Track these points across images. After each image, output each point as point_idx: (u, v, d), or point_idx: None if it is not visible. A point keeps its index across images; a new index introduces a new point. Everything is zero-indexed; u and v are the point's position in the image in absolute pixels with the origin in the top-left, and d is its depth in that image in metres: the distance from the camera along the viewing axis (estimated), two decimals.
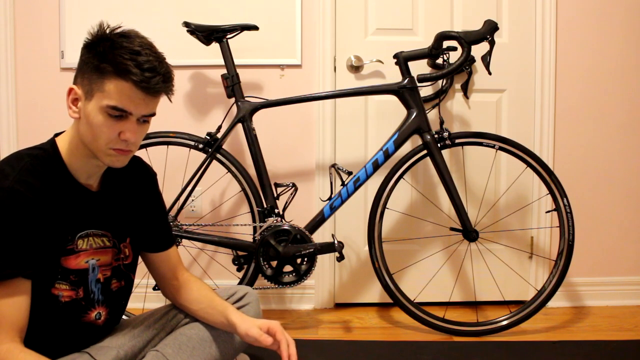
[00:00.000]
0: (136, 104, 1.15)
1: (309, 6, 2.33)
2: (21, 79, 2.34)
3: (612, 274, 2.45)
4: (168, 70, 1.18)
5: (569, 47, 2.38)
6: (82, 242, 1.23)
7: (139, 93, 1.14)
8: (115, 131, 1.16)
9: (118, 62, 1.12)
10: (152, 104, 1.19)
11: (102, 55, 1.14)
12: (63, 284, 1.20)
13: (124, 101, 1.14)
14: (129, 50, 1.13)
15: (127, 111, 1.15)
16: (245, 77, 2.20)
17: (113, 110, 1.14)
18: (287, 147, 2.38)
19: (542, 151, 2.37)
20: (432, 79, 2.00)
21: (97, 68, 1.14)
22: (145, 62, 1.13)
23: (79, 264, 1.23)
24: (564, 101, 2.39)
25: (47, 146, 1.22)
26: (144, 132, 1.23)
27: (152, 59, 1.15)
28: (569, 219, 2.06)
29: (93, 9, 2.31)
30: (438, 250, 2.40)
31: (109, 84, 1.13)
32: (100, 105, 1.14)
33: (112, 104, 1.14)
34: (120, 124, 1.16)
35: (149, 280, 1.81)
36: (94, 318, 1.28)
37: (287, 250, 1.98)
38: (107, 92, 1.14)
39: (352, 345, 2.02)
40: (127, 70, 1.12)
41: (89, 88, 1.16)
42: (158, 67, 1.15)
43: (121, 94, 1.14)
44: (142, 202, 1.40)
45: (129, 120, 1.17)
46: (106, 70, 1.13)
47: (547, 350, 1.95)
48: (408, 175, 2.20)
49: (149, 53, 1.15)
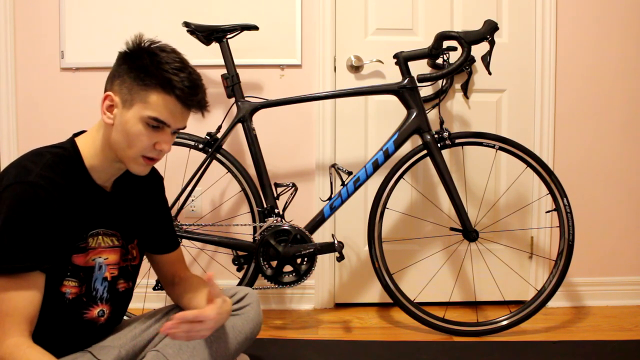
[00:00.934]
0: (175, 118, 1.22)
1: (309, 6, 2.33)
2: (21, 79, 2.34)
3: (612, 274, 2.45)
4: (202, 85, 1.26)
5: (569, 47, 2.38)
6: (92, 241, 1.26)
7: (179, 107, 1.21)
8: (151, 141, 1.22)
9: (163, 77, 1.19)
10: (187, 118, 1.26)
11: (145, 68, 1.20)
12: (72, 281, 1.23)
13: (166, 114, 1.20)
14: (173, 66, 1.21)
15: (167, 123, 1.21)
16: (245, 77, 2.20)
17: (153, 121, 1.20)
18: (287, 147, 2.38)
19: (542, 151, 2.37)
20: (432, 79, 2.00)
21: (140, 79, 1.20)
22: (187, 78, 1.21)
23: (87, 262, 1.25)
24: (564, 101, 2.39)
25: (68, 145, 1.26)
26: (172, 142, 1.28)
27: (194, 77, 1.24)
28: (569, 219, 2.06)
29: (93, 9, 2.31)
30: (438, 250, 2.40)
31: (153, 96, 1.20)
32: (141, 115, 1.20)
33: (154, 115, 1.20)
34: (157, 135, 1.22)
35: (149, 280, 1.81)
36: (97, 315, 1.30)
37: (287, 250, 1.98)
38: (150, 104, 1.20)
39: (352, 345, 2.02)
40: (172, 86, 1.19)
41: (129, 97, 1.21)
42: (199, 84, 1.24)
43: (164, 107, 1.20)
44: (150, 204, 1.44)
45: (165, 132, 1.23)
46: (150, 83, 1.19)
47: (547, 350, 1.95)
48: (408, 175, 2.20)
49: (191, 71, 1.24)
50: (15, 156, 2.30)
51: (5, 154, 2.34)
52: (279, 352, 1.93)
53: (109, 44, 2.30)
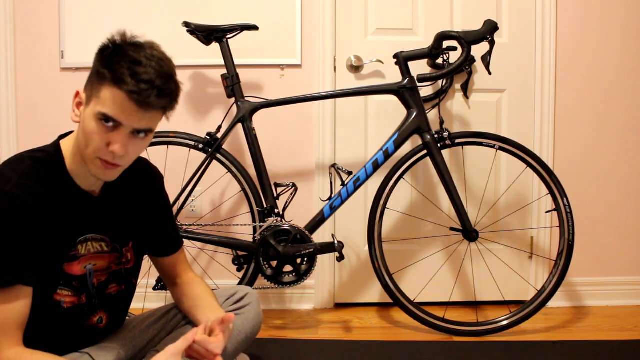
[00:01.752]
0: (127, 115, 1.09)
1: (309, 6, 2.33)
2: (21, 79, 2.34)
3: (612, 274, 2.45)
4: (168, 86, 1.12)
5: (569, 47, 2.38)
6: (81, 248, 1.22)
7: (131, 105, 1.08)
8: (104, 140, 1.11)
9: (115, 70, 1.08)
10: (146, 119, 1.12)
11: (104, 61, 1.11)
12: (65, 290, 1.20)
13: (116, 110, 1.09)
14: (131, 59, 1.09)
15: (118, 121, 1.10)
16: (245, 77, 2.20)
17: (103, 117, 1.10)
18: (287, 147, 2.38)
19: (542, 151, 2.37)
20: (432, 79, 2.00)
21: (98, 73, 1.11)
22: (143, 73, 1.08)
23: (81, 270, 1.22)
24: (564, 101, 2.39)
25: (51, 149, 1.20)
26: (138, 148, 1.16)
27: (152, 71, 1.09)
28: (569, 219, 2.06)
29: (93, 9, 2.31)
30: (438, 250, 2.40)
31: (105, 90, 1.09)
32: (94, 111, 1.10)
33: (103, 111, 1.09)
34: (111, 135, 1.11)
35: (149, 280, 1.81)
36: (96, 322, 1.29)
37: (287, 250, 1.98)
38: (102, 99, 1.09)
39: (352, 345, 2.02)
40: (121, 79, 1.07)
41: (90, 93, 1.13)
42: (155, 81, 1.09)
43: (114, 102, 1.09)
44: (148, 205, 1.37)
45: (120, 131, 1.11)
46: (105, 76, 1.09)
47: (547, 350, 1.95)
48: (408, 175, 2.20)
49: (153, 66, 1.10)
50: None
51: (5, 154, 2.34)
52: (279, 352, 1.93)
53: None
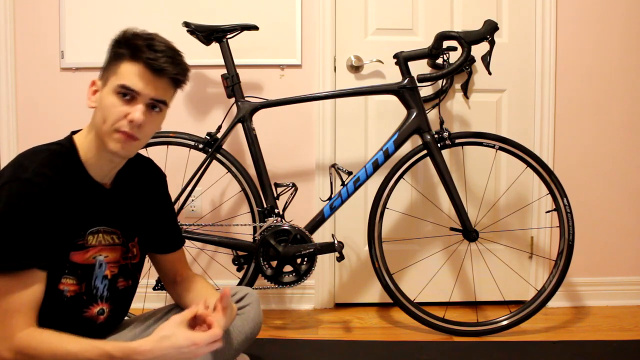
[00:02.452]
0: (145, 84, 1.20)
1: (309, 6, 2.33)
2: (21, 79, 2.34)
3: (612, 274, 2.45)
4: (179, 58, 1.25)
5: (569, 47, 2.38)
6: (92, 238, 1.26)
7: (147, 73, 1.20)
8: (122, 112, 1.20)
9: (133, 45, 1.21)
10: (160, 88, 1.22)
11: (120, 43, 1.23)
12: (70, 279, 1.22)
13: (134, 80, 1.19)
14: (146, 36, 1.22)
15: (135, 90, 1.19)
16: (245, 77, 2.20)
17: (122, 89, 1.19)
18: (287, 147, 2.38)
19: (542, 151, 2.37)
20: (432, 79, 2.00)
21: (115, 54, 1.23)
22: (158, 45, 1.21)
23: (86, 260, 1.25)
24: (564, 101, 2.39)
25: (65, 142, 1.26)
26: (154, 124, 1.25)
27: (164, 46, 1.23)
28: (569, 219, 2.06)
29: (93, 9, 2.31)
30: (438, 250, 2.40)
31: (123, 66, 1.21)
32: (113, 86, 1.20)
33: (122, 82, 1.19)
34: (129, 106, 1.20)
35: (148, 280, 1.81)
36: (96, 314, 1.29)
37: (287, 250, 1.98)
38: (120, 74, 1.20)
39: (352, 345, 2.02)
40: (139, 50, 1.20)
41: (107, 76, 1.23)
42: (168, 51, 1.22)
43: (132, 73, 1.20)
44: (152, 203, 1.42)
45: (137, 102, 1.21)
46: (123, 54, 1.21)
47: (547, 350, 1.95)
48: (408, 175, 2.20)
49: (165, 42, 1.24)
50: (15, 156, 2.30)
51: (5, 154, 2.34)
52: (279, 352, 1.93)
53: (109, 44, 2.29)
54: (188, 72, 1.28)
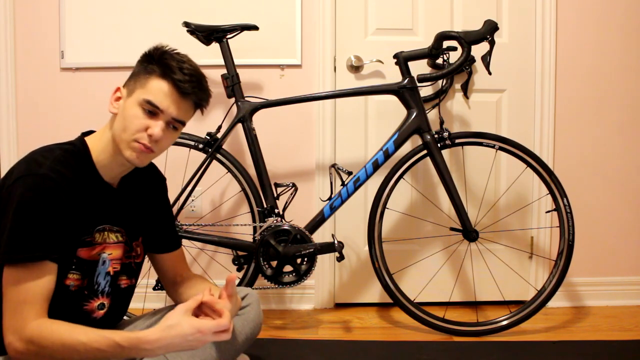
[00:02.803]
0: (169, 103, 1.25)
1: (309, 6, 2.33)
2: (21, 79, 2.34)
3: (612, 274, 2.45)
4: (205, 83, 1.32)
5: (569, 47, 2.38)
6: (98, 236, 1.29)
7: (174, 93, 1.26)
8: (143, 125, 1.25)
9: (165, 64, 1.26)
10: (183, 109, 1.28)
11: (152, 59, 1.28)
12: (76, 274, 1.25)
13: (160, 98, 1.25)
14: (177, 59, 1.28)
15: (160, 108, 1.25)
16: (245, 77, 2.20)
17: (147, 105, 1.24)
18: (287, 147, 2.38)
19: (542, 151, 2.37)
20: (432, 79, 2.00)
21: (146, 69, 1.28)
22: (187, 69, 1.27)
23: (92, 256, 1.28)
24: (564, 101, 2.39)
25: (77, 142, 1.30)
26: (169, 139, 1.31)
27: (193, 70, 1.29)
28: (569, 219, 2.06)
29: (93, 9, 2.31)
30: (438, 250, 2.40)
31: (152, 82, 1.26)
32: (139, 99, 1.25)
33: (148, 98, 1.24)
34: (150, 121, 1.25)
35: (148, 280, 1.81)
36: (97, 307, 1.31)
37: (287, 250, 1.98)
38: (147, 89, 1.26)
39: (352, 345, 2.02)
40: (171, 71, 1.25)
41: (133, 87, 1.28)
42: (196, 76, 1.29)
43: (159, 91, 1.25)
44: (154, 204, 1.47)
45: (158, 118, 1.26)
46: (154, 70, 1.26)
47: (547, 350, 1.95)
48: (408, 175, 2.20)
49: (194, 66, 1.30)
50: (15, 156, 2.31)
51: (5, 154, 2.34)
52: (279, 352, 1.93)
53: (109, 44, 2.30)
54: (210, 97, 1.35)
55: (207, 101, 1.34)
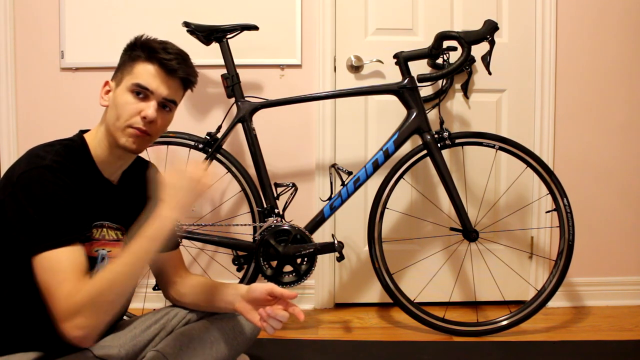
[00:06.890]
0: (158, 83, 1.27)
1: (309, 6, 2.33)
2: (21, 79, 2.34)
3: (612, 274, 2.45)
4: (189, 62, 1.34)
5: (569, 47, 2.38)
6: (96, 232, 1.29)
7: (161, 73, 1.27)
8: (136, 108, 1.26)
9: (148, 47, 1.28)
10: (172, 87, 1.30)
11: (136, 46, 1.30)
12: None
13: (148, 79, 1.26)
14: (160, 41, 1.31)
15: (149, 89, 1.26)
16: (245, 77, 2.20)
17: (137, 87, 1.26)
18: (287, 147, 2.38)
19: (542, 151, 2.37)
20: (432, 79, 2.00)
21: (130, 56, 1.29)
22: (171, 48, 1.30)
23: (90, 252, 1.26)
24: (564, 101, 2.39)
25: (76, 138, 1.31)
26: (165, 120, 1.32)
27: (177, 49, 1.32)
28: (569, 219, 2.06)
29: (93, 9, 2.31)
30: (438, 250, 2.40)
31: (138, 67, 1.27)
32: (127, 85, 1.26)
33: (137, 81, 1.26)
34: (142, 104, 1.26)
35: (148, 280, 1.81)
36: None
37: (287, 250, 1.98)
38: (135, 73, 1.27)
39: (352, 345, 2.02)
40: (155, 52, 1.27)
41: (121, 77, 1.29)
42: (181, 54, 1.32)
43: (146, 73, 1.27)
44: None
45: (150, 100, 1.27)
46: (139, 55, 1.28)
47: (547, 350, 1.95)
48: (408, 175, 2.20)
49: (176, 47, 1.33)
50: (15, 156, 2.31)
51: (5, 154, 2.34)
52: (279, 352, 1.93)
53: (109, 44, 2.30)
54: (197, 75, 1.36)
55: (195, 78, 1.35)
